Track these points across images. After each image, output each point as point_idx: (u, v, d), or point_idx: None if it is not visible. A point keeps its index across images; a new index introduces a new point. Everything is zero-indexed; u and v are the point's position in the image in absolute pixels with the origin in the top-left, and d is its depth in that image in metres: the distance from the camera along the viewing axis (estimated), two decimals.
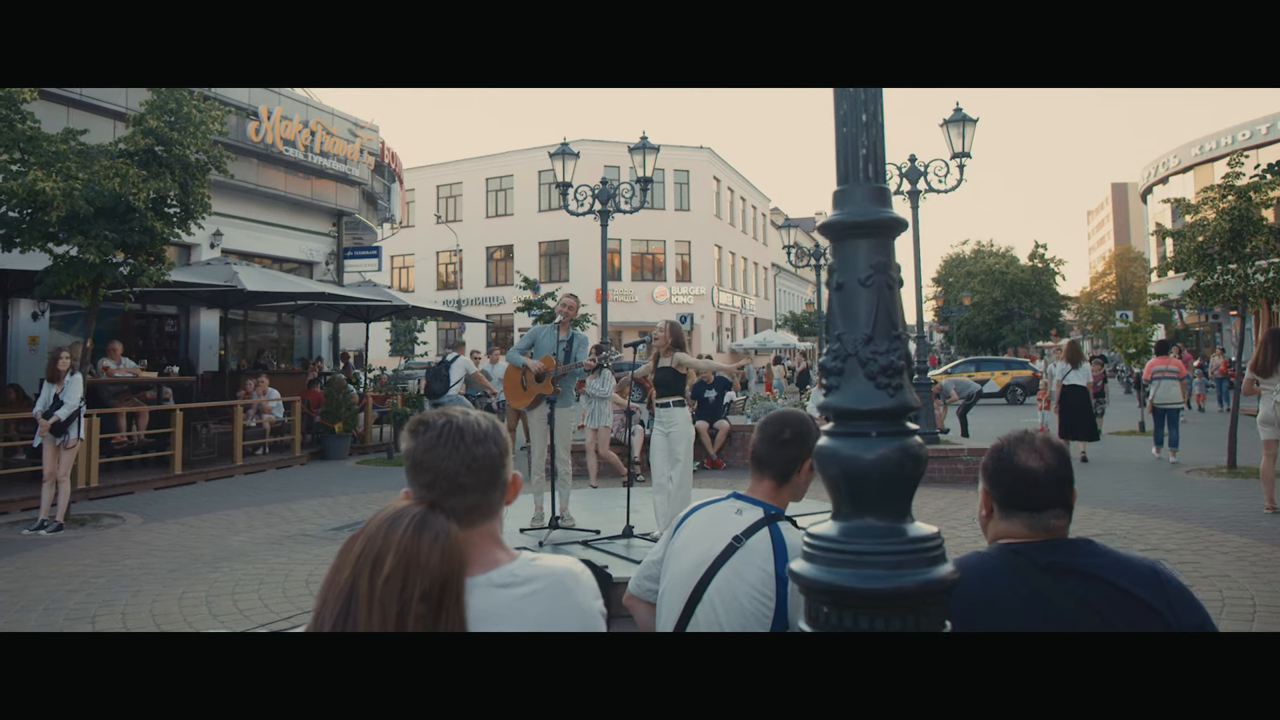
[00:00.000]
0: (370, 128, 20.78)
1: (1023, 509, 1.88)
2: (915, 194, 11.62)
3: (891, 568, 1.55)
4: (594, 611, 1.61)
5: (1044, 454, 1.87)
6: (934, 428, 11.64)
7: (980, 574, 1.89)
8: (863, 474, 1.58)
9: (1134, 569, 1.79)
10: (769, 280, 59.17)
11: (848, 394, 1.61)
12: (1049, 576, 1.80)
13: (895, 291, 1.64)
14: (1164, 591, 1.76)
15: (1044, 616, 1.78)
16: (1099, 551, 1.84)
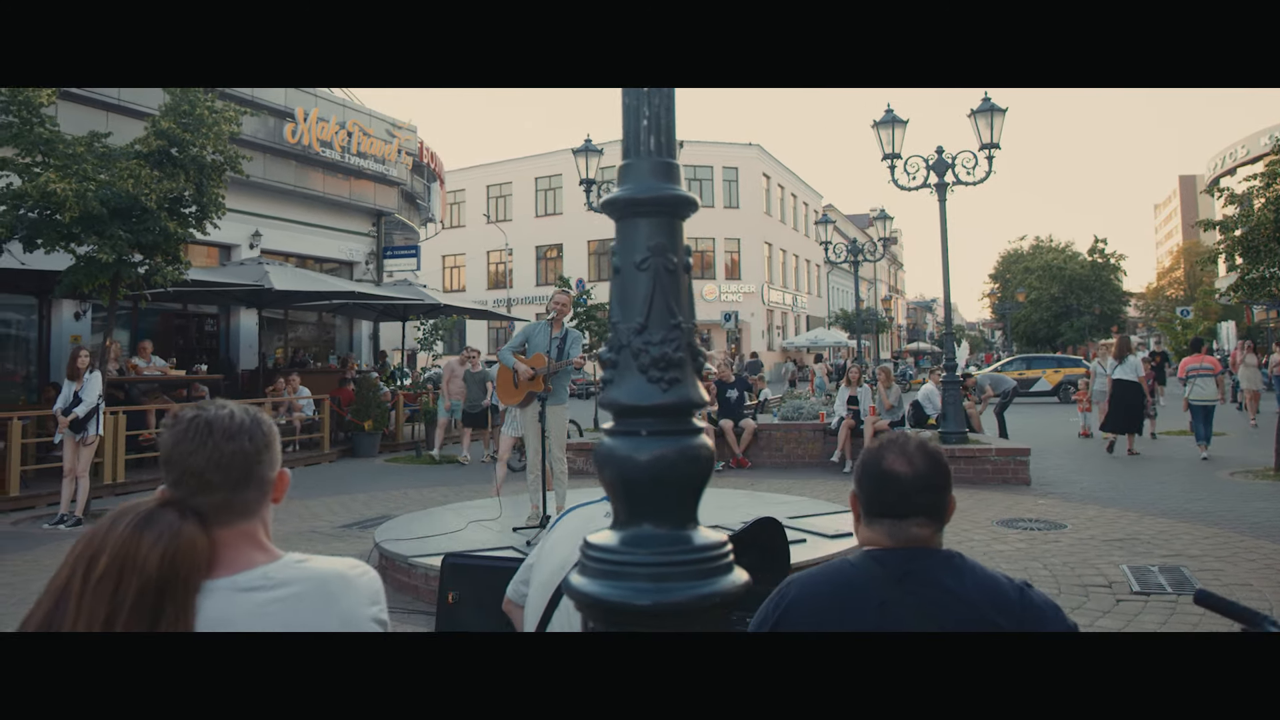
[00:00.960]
0: (408, 128, 20.95)
1: (886, 515, 1.73)
2: (942, 187, 11.30)
3: (659, 580, 1.41)
4: (361, 619, 1.49)
5: (914, 459, 1.73)
6: (962, 426, 11.30)
7: (834, 582, 1.76)
8: (636, 477, 1.44)
9: (996, 589, 1.65)
10: (822, 277, 58.56)
11: (622, 388, 1.47)
12: (902, 589, 1.66)
13: (678, 276, 1.49)
14: (1023, 616, 1.61)
15: (890, 628, 1.64)
16: (961, 567, 1.69)
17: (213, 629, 1.34)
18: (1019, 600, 1.63)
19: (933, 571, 1.67)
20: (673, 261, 1.48)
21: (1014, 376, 26.52)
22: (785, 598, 1.82)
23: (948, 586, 1.64)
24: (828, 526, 6.87)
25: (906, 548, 1.70)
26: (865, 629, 1.65)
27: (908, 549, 1.70)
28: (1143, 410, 13.25)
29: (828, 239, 18.74)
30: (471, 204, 50.49)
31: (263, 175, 17.41)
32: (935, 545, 1.73)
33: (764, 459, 13.01)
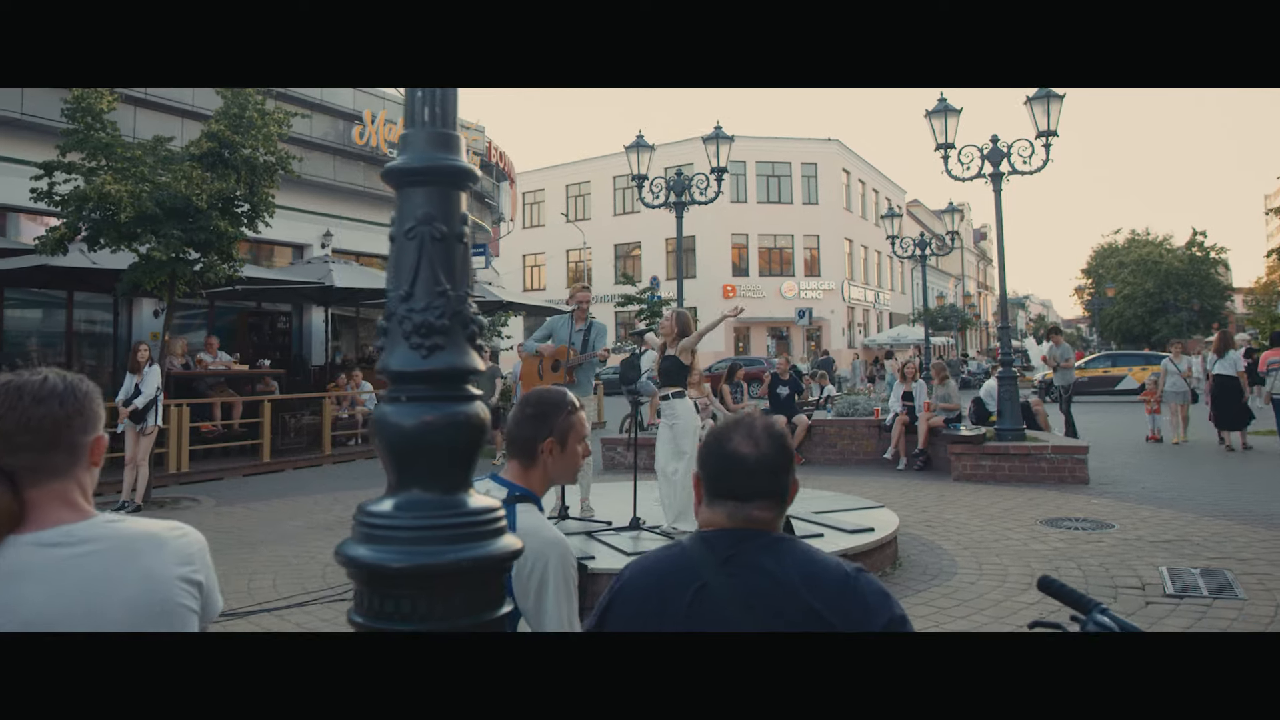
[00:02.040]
0: (475, 128, 21.31)
1: (727, 497, 1.68)
2: (997, 176, 10.95)
3: (419, 543, 1.41)
4: (167, 579, 1.54)
5: (759, 441, 1.68)
6: (1019, 423, 10.94)
7: (663, 563, 1.74)
8: (401, 442, 1.45)
9: (817, 573, 1.59)
10: (905, 274, 57.41)
11: (390, 356, 1.48)
12: (724, 571, 1.61)
13: (449, 245, 1.49)
14: (842, 602, 1.55)
15: (705, 611, 1.61)
16: (790, 550, 1.63)
17: (3, 578, 1.42)
18: (841, 586, 1.57)
19: (756, 554, 1.62)
20: (441, 230, 1.48)
21: (1098, 374, 25.75)
22: (620, 578, 1.80)
23: (767, 569, 1.59)
24: (850, 521, 6.74)
25: (736, 529, 1.66)
26: (680, 612, 1.62)
27: (737, 530, 1.66)
28: (1245, 405, 12.95)
29: (894, 233, 18.35)
30: (551, 203, 51.03)
31: (333, 177, 17.93)
32: (774, 528, 1.68)
33: (817, 455, 12.85)
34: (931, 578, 6.31)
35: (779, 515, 1.68)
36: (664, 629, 1.64)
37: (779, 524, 1.69)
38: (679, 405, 6.60)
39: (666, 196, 13.08)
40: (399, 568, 1.39)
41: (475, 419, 1.48)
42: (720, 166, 12.66)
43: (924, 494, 9.79)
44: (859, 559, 6.12)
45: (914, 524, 8.14)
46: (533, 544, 2.18)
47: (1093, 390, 25.29)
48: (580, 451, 2.41)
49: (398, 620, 1.40)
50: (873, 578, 1.61)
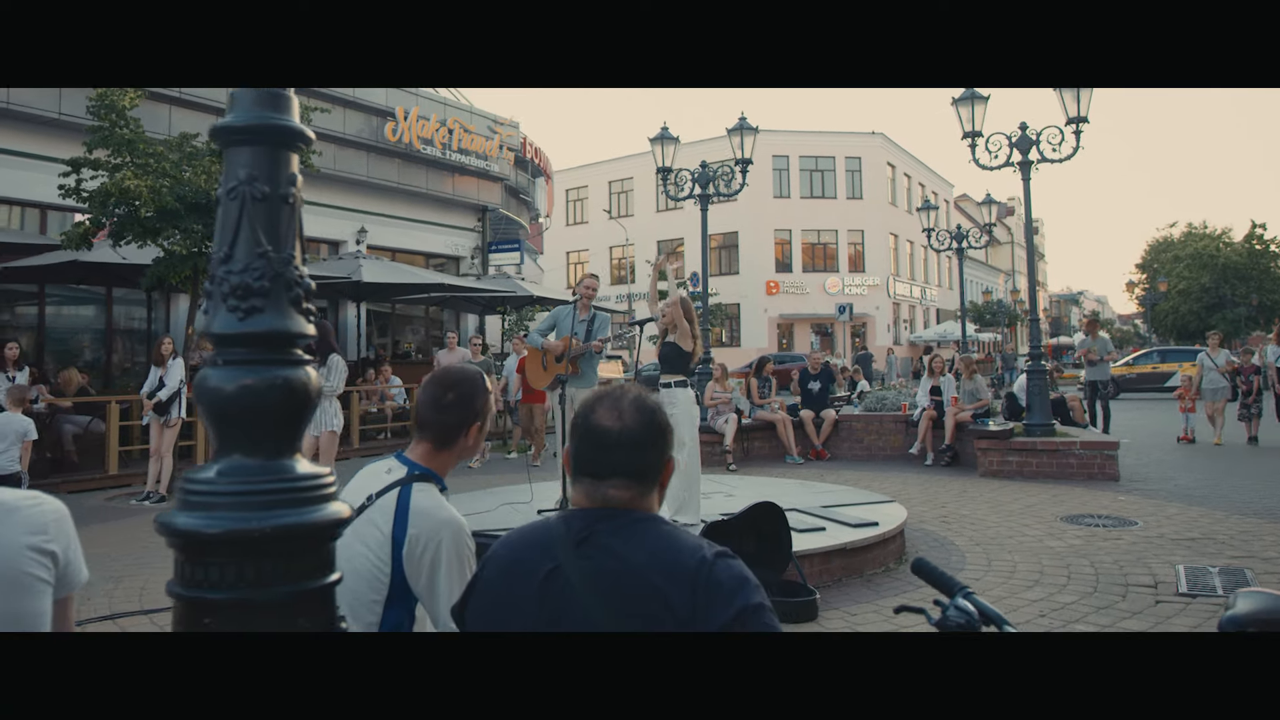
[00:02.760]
0: (510, 124, 21.37)
1: (584, 474, 1.61)
2: (1026, 165, 10.68)
3: (239, 509, 1.37)
4: (16, 548, 1.53)
5: (625, 414, 1.59)
6: (1048, 418, 10.67)
7: (522, 542, 1.67)
8: (222, 407, 1.42)
9: (671, 557, 1.49)
10: (953, 269, 56.50)
11: (211, 319, 1.44)
12: (577, 553, 1.54)
13: (273, 206, 1.45)
14: (695, 588, 1.46)
15: (556, 594, 1.54)
16: (647, 532, 1.55)
17: None
18: (695, 572, 1.47)
19: (610, 535, 1.54)
20: (263, 190, 1.44)
21: (1146, 371, 25.10)
22: (486, 555, 1.75)
23: (618, 552, 1.52)
24: (855, 516, 6.61)
25: (597, 508, 1.59)
26: (532, 594, 1.56)
27: (597, 509, 1.58)
28: None
29: (931, 225, 18.04)
30: (594, 200, 51.08)
31: (366, 173, 18.11)
32: (639, 507, 1.59)
33: (844, 450, 12.68)
34: None
35: (642, 495, 1.59)
36: (517, 610, 1.57)
37: (647, 503, 1.61)
38: (679, 394, 6.52)
39: (691, 189, 12.97)
40: (213, 534, 1.36)
41: (298, 383, 1.43)
42: (745, 158, 12.55)
43: (946, 489, 9.59)
44: (859, 554, 6.01)
45: (929, 519, 7.98)
46: (426, 524, 2.15)
47: (1141, 387, 24.70)
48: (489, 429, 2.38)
49: (208, 588, 1.36)
50: (735, 564, 1.52)
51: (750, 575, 1.51)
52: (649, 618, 1.44)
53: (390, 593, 2.11)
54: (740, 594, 1.46)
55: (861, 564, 6.03)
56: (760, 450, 12.47)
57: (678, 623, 1.43)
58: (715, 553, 1.51)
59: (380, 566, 2.11)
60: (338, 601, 2.13)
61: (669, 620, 1.44)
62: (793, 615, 5.01)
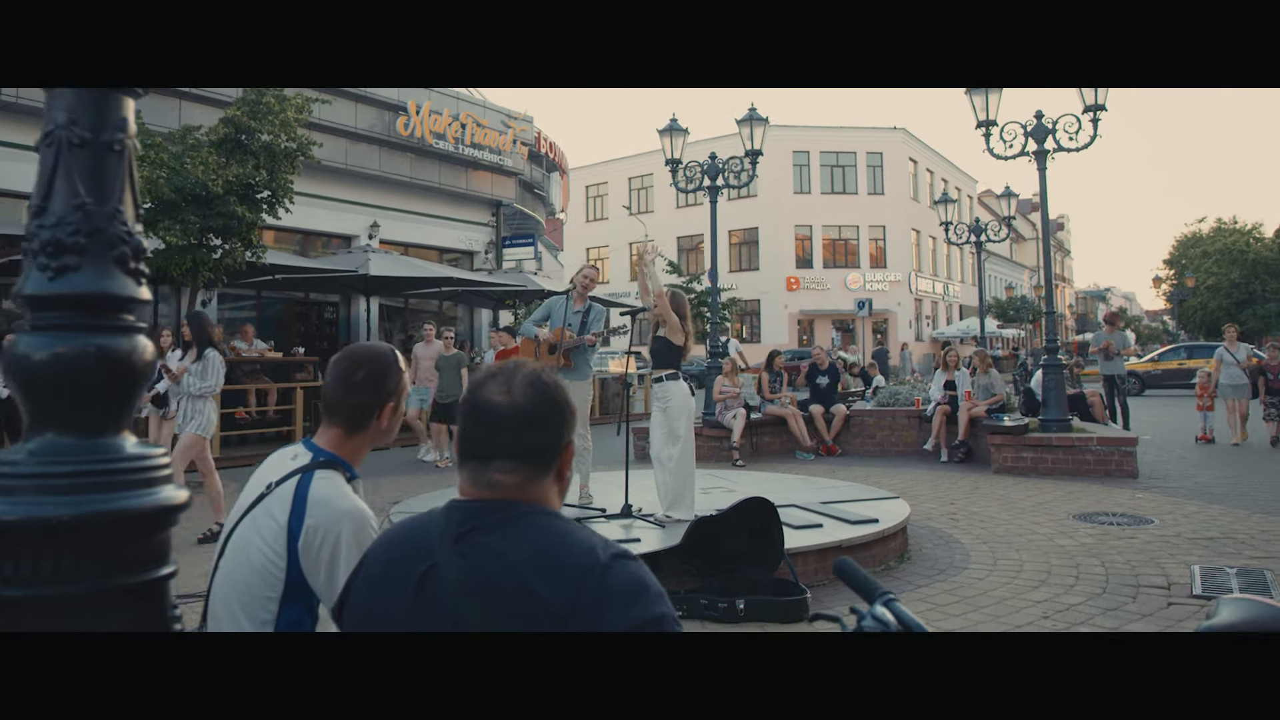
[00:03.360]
0: (524, 118, 21.23)
1: (469, 456, 1.41)
2: (1042, 154, 10.39)
3: (51, 492, 1.20)
4: None
5: (516, 389, 1.40)
6: (1064, 414, 10.38)
7: (401, 536, 1.48)
8: (33, 377, 1.24)
9: (560, 559, 1.30)
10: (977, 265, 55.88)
11: (23, 278, 1.27)
12: (456, 550, 1.35)
13: (95, 153, 1.28)
14: (580, 596, 1.26)
15: (430, 597, 1.34)
16: (533, 527, 1.35)
17: None
18: (581, 575, 1.28)
19: (491, 531, 1.35)
20: (82, 135, 1.26)
21: (1172, 367, 24.62)
22: (367, 551, 1.57)
23: (497, 550, 1.32)
24: (855, 512, 6.39)
25: (481, 500, 1.39)
26: (407, 595, 1.37)
27: (481, 501, 1.39)
28: None
29: (948, 219, 17.73)
30: (614, 196, 50.95)
31: (378, 168, 18.03)
32: (529, 498, 1.40)
33: (855, 446, 12.43)
34: (938, 572, 5.94)
35: (533, 481, 1.40)
36: (390, 613, 1.39)
37: (539, 492, 1.42)
38: (672, 387, 6.34)
39: (701, 181, 12.75)
40: (9, 520, 1.19)
41: (120, 353, 1.26)
42: (755, 150, 12.31)
43: (957, 486, 9.34)
44: (857, 551, 5.80)
45: (937, 517, 7.75)
46: (324, 514, 1.97)
47: (1167, 383, 24.27)
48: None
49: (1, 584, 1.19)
50: (635, 570, 1.32)
51: (651, 581, 1.31)
52: (514, 626, 1.26)
53: (286, 588, 1.94)
54: (637, 604, 1.27)
55: (860, 562, 5.77)
56: (770, 446, 12.26)
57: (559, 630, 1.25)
58: (612, 555, 1.31)
59: (275, 560, 1.94)
60: (232, 598, 1.98)
61: (550, 629, 1.25)
62: (781, 615, 4.81)
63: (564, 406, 1.42)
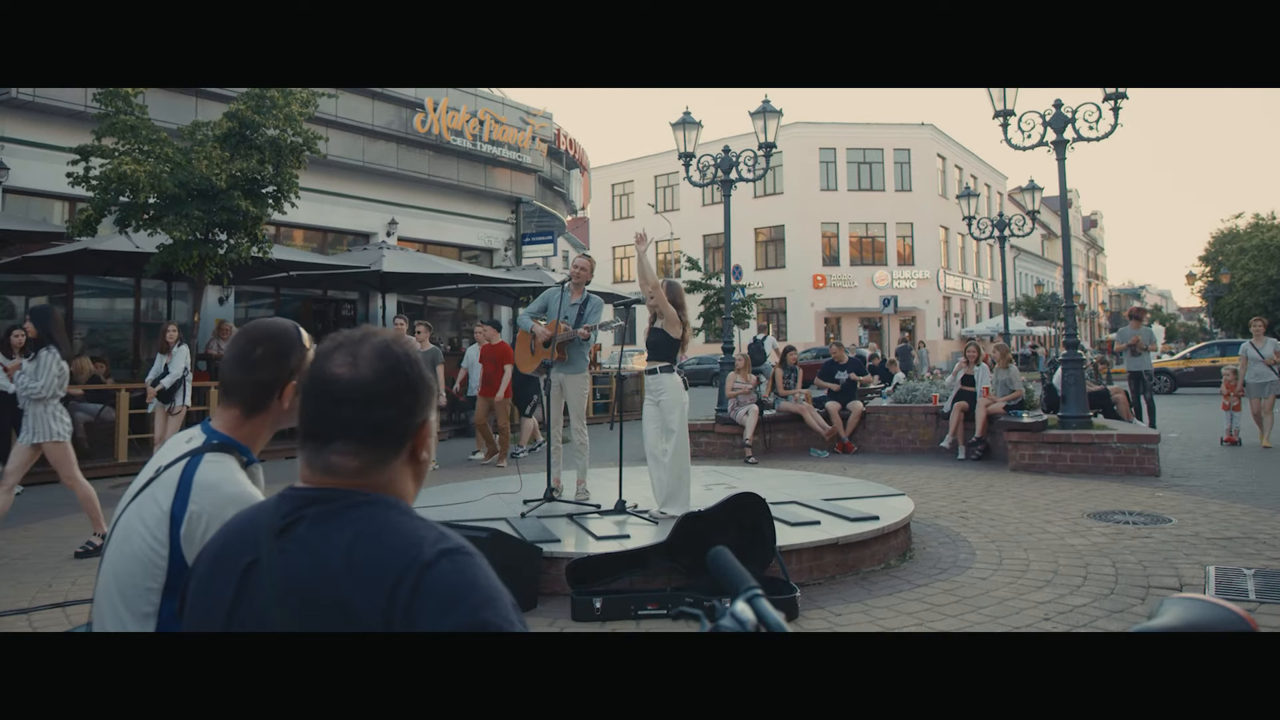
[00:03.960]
0: (543, 115, 21.15)
1: (309, 436, 1.26)
2: (1062, 144, 10.13)
3: None
4: None
5: (361, 361, 1.24)
6: (1084, 410, 10.10)
7: (234, 527, 1.32)
8: None
9: (376, 556, 1.13)
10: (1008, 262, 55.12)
11: None
12: (279, 544, 1.20)
13: None
14: (394, 599, 1.10)
15: (248, 598, 1.19)
16: (358, 520, 1.19)
17: None
18: (399, 577, 1.11)
19: (315, 523, 1.20)
20: None
21: (1205, 364, 24.07)
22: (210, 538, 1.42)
23: (314, 545, 1.18)
24: (856, 509, 6.21)
25: (314, 487, 1.24)
26: (228, 597, 1.23)
27: (314, 489, 1.24)
28: None
29: (970, 213, 17.42)
30: (639, 195, 50.82)
31: (396, 165, 18.02)
32: (373, 485, 1.24)
33: (872, 444, 12.21)
34: (940, 571, 5.75)
35: (376, 467, 1.24)
36: (210, 613, 1.25)
37: (383, 479, 1.25)
38: (666, 380, 6.19)
39: (714, 175, 12.59)
40: None
41: None
42: (769, 142, 12.12)
43: (972, 484, 9.12)
44: (855, 549, 5.63)
45: (946, 514, 7.54)
46: (209, 499, 1.84)
47: (1199, 381, 23.73)
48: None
49: None
50: (465, 568, 1.14)
51: (482, 583, 1.13)
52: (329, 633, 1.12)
53: (169, 579, 1.81)
54: (458, 608, 1.10)
55: (857, 560, 5.63)
56: (784, 443, 12.07)
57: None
58: (440, 551, 1.14)
59: (157, 549, 1.81)
60: (114, 590, 1.86)
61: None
62: None
63: (416, 380, 1.26)
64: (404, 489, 1.28)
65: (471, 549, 1.18)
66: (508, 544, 4.92)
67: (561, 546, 5.32)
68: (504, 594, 1.15)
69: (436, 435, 1.36)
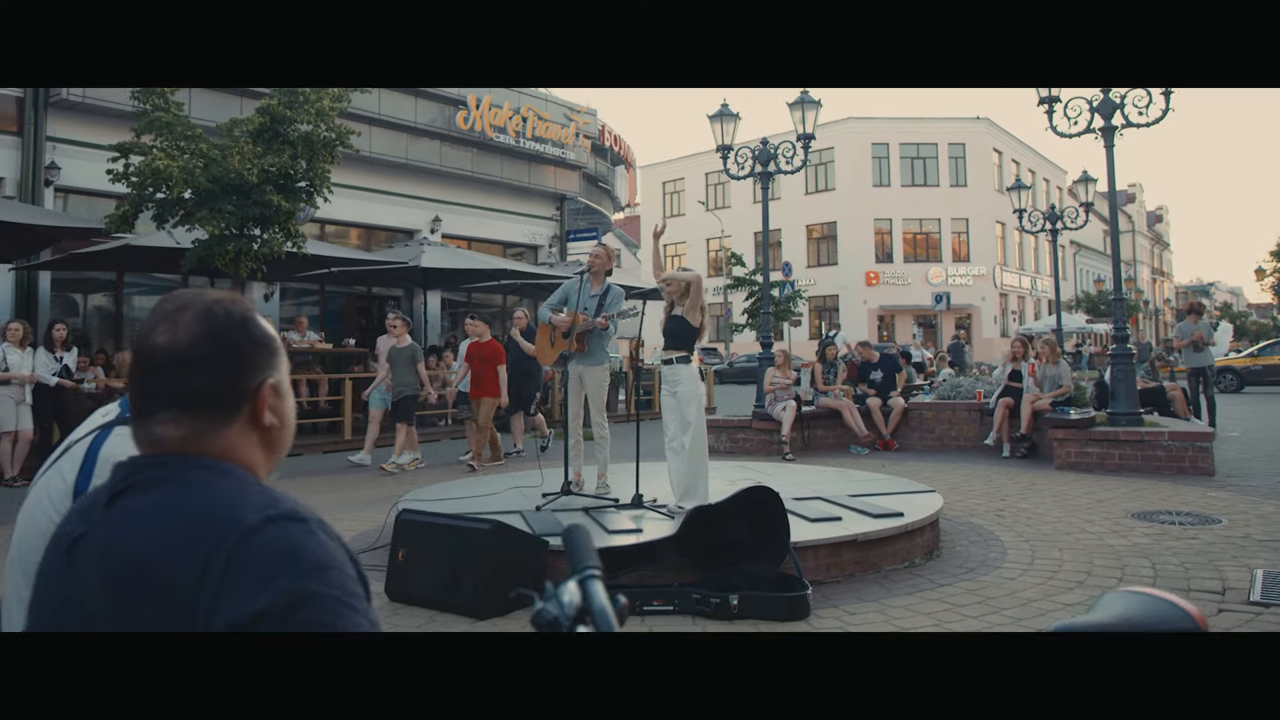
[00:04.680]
0: (587, 111, 21.10)
1: (135, 409, 1.16)
2: (1109, 130, 9.74)
3: None
4: None
5: (181, 326, 1.14)
6: (1134, 407, 9.70)
7: (75, 505, 1.24)
8: None
9: (192, 526, 1.02)
10: (1067, 259, 53.80)
11: None
12: (104, 516, 1.10)
13: None
14: (208, 568, 0.97)
15: (74, 573, 1.10)
16: (186, 484, 1.07)
17: None
18: (217, 543, 0.98)
19: (146, 490, 1.09)
20: None
21: (1273, 362, 23.18)
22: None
23: (137, 513, 1.07)
24: (882, 506, 6.00)
25: (140, 456, 1.14)
26: (56, 572, 1.13)
27: (144, 458, 1.13)
28: None
29: (1021, 206, 16.96)
30: (690, 192, 50.68)
31: (439, 162, 18.11)
32: (208, 452, 1.12)
33: (914, 441, 11.92)
34: (967, 571, 5.52)
35: (205, 435, 1.12)
36: (44, 591, 1.16)
37: (216, 446, 1.12)
38: (682, 371, 6.04)
39: (752, 168, 12.39)
40: None
41: None
42: (808, 134, 11.88)
43: (1013, 482, 8.81)
44: (875, 547, 5.43)
45: (981, 513, 7.28)
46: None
47: (1268, 379, 22.89)
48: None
49: None
50: (295, 534, 1.01)
51: (319, 551, 1.00)
52: (137, 610, 1.00)
53: None
54: (278, 579, 0.96)
55: (879, 558, 5.43)
56: (824, 440, 11.84)
57: (171, 620, 0.98)
58: (267, 517, 1.01)
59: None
60: (17, 567, 1.79)
61: (159, 618, 0.99)
62: (779, 612, 4.49)
63: (243, 341, 1.14)
64: (248, 457, 1.17)
65: (308, 516, 1.05)
66: (511, 536, 4.82)
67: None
68: (343, 568, 1.03)
69: (289, 398, 1.23)
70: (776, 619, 4.46)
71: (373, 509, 7.65)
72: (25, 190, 12.91)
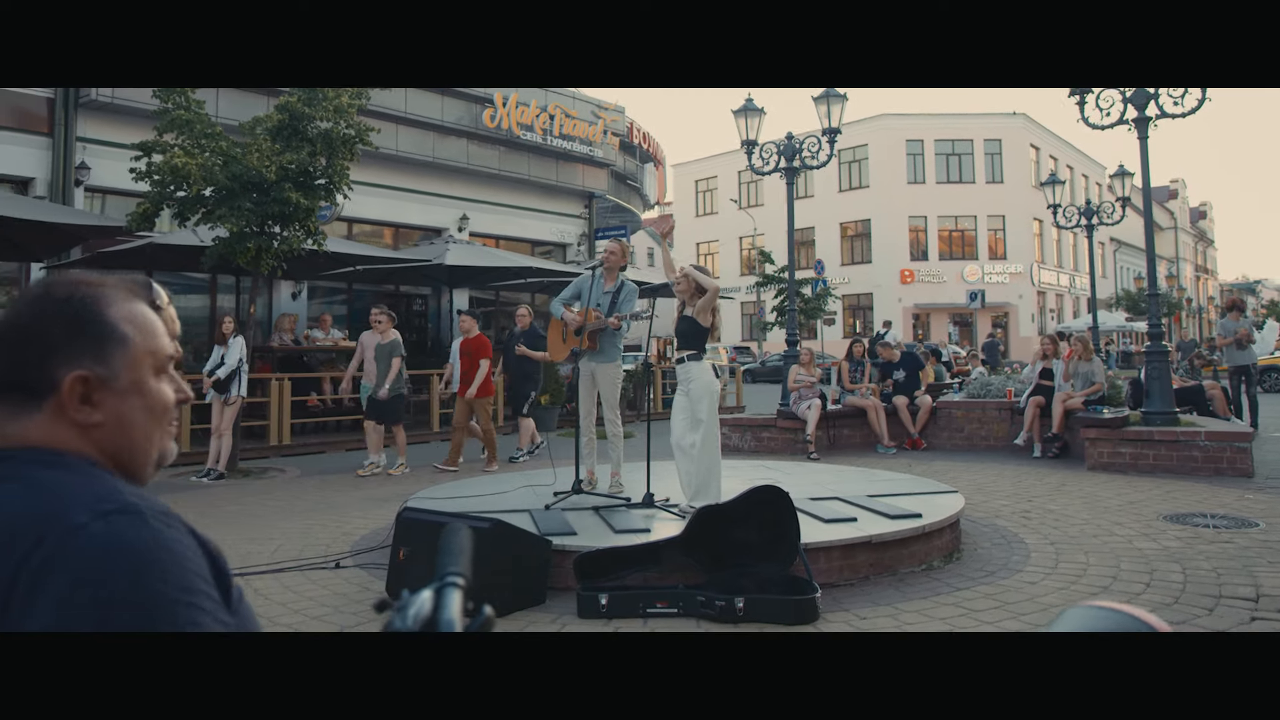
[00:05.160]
0: (614, 109, 21.00)
1: None
2: (1143, 121, 9.45)
3: None
4: None
5: (10, 307, 1.05)
6: (1169, 406, 9.41)
7: None
8: None
9: (13, 517, 0.92)
10: (1107, 256, 52.83)
11: None
12: None
13: None
14: (27, 563, 0.88)
15: None
16: (25, 476, 0.97)
17: None
18: (35, 545, 0.88)
19: None
20: None
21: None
22: None
23: None
24: (900, 506, 5.83)
25: None
26: None
27: None
28: None
29: (1055, 202, 16.60)
30: (723, 190, 50.46)
31: (466, 160, 18.09)
32: (27, 442, 1.01)
33: (943, 440, 11.68)
34: (986, 574, 5.34)
35: (15, 421, 1.01)
36: None
37: (35, 435, 1.00)
38: (694, 369, 5.91)
39: (777, 163, 12.21)
40: None
41: None
42: (833, 128, 11.68)
43: (1042, 483, 8.57)
44: (891, 549, 5.27)
45: (1006, 514, 7.07)
46: None
47: None
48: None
49: None
50: (126, 530, 0.91)
51: (156, 548, 0.90)
52: None
53: None
54: (109, 582, 0.87)
55: (894, 560, 5.26)
56: (850, 439, 11.64)
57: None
58: (99, 513, 0.91)
59: None
60: None
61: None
62: (786, 615, 4.34)
63: (54, 326, 1.02)
64: (74, 445, 1.04)
65: (146, 508, 0.95)
66: (513, 535, 4.71)
67: (577, 539, 5.09)
68: (183, 564, 0.92)
69: (136, 397, 1.10)
70: (783, 623, 4.31)
71: (389, 507, 7.61)
72: (56, 190, 13.06)
